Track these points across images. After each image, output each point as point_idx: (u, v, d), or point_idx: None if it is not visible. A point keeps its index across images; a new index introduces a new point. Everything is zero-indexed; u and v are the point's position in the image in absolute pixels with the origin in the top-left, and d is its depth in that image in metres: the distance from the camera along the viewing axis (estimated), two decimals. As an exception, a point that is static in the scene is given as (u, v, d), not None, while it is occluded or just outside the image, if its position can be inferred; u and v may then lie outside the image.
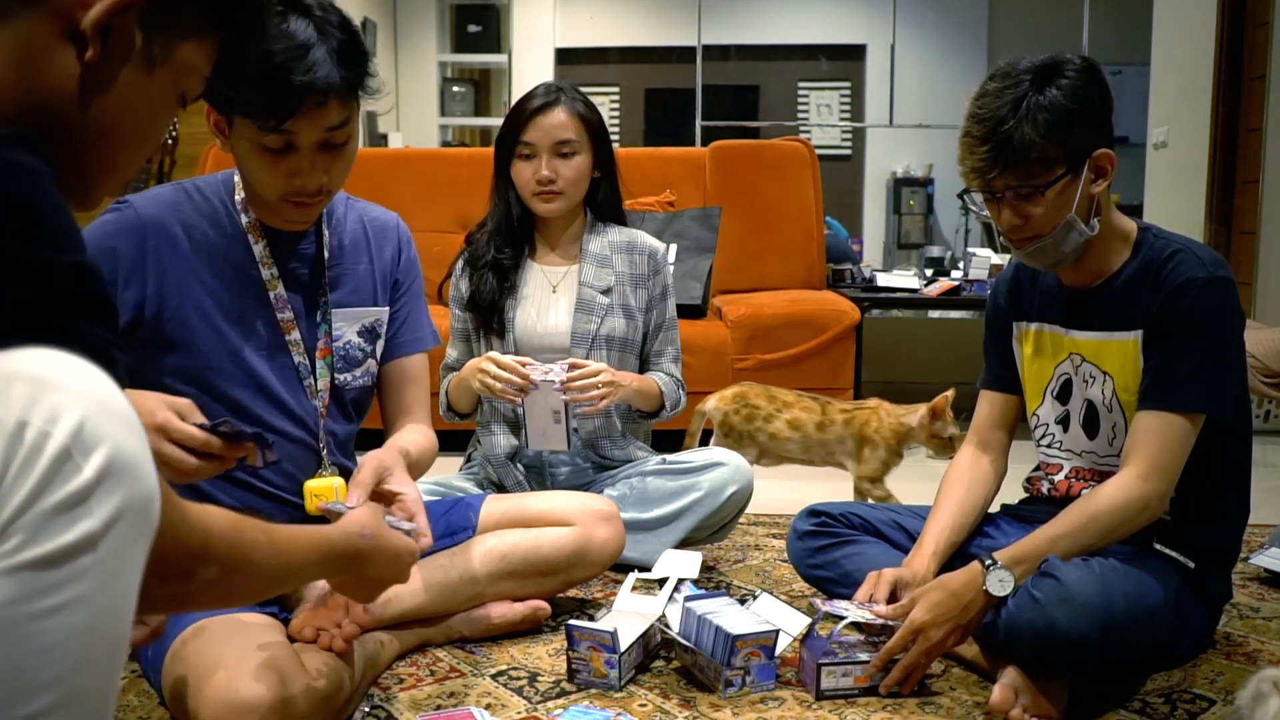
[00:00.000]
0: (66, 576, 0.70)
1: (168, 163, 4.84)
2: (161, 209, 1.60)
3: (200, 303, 1.60)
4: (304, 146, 1.51)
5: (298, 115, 1.46)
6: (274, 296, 1.64)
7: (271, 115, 1.46)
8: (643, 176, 3.88)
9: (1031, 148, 1.57)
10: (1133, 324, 1.69)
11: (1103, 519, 1.61)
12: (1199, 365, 1.63)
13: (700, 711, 1.58)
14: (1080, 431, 1.79)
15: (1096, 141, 1.63)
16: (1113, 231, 1.72)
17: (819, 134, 8.97)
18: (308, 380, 1.68)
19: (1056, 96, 1.58)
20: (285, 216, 1.61)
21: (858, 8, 8.68)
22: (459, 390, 2.26)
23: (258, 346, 1.63)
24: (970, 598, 1.58)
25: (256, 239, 1.64)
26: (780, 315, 3.55)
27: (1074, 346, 1.78)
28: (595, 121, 2.29)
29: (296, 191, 1.54)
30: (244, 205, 1.64)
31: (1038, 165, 1.59)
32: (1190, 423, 1.63)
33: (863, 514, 1.97)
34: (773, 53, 8.87)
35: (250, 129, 1.49)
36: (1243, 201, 4.94)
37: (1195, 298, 1.62)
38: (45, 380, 0.72)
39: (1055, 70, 1.61)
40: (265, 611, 1.50)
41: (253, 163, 1.54)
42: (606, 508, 1.95)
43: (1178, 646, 1.72)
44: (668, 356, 2.37)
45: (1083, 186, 1.63)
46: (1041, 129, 1.57)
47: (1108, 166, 1.65)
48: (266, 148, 1.50)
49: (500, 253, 2.31)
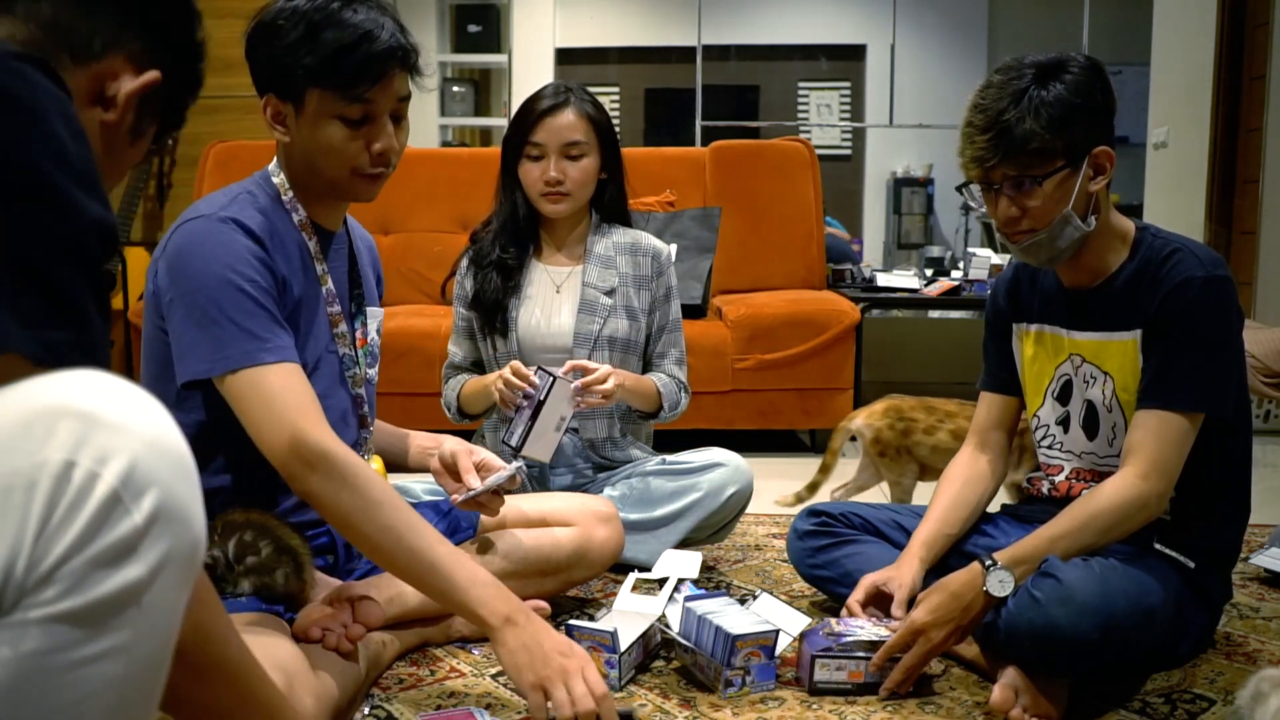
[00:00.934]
0: (108, 627, 0.67)
1: (168, 163, 4.84)
2: (239, 208, 1.58)
3: (299, 292, 1.62)
4: (380, 115, 1.58)
5: (383, 79, 1.55)
6: (325, 291, 1.67)
7: (362, 81, 1.53)
8: (643, 176, 3.88)
9: (1031, 138, 1.59)
10: (1132, 324, 1.70)
11: (1101, 518, 1.62)
12: (1198, 364, 1.63)
13: (700, 711, 1.58)
14: (1080, 432, 1.79)
15: (1097, 138, 1.64)
16: (1110, 231, 1.72)
17: (819, 134, 8.96)
18: (351, 371, 1.71)
19: (1060, 91, 1.60)
20: (354, 192, 1.64)
21: (858, 8, 8.67)
22: (474, 396, 2.26)
23: (318, 337, 1.67)
24: (970, 598, 1.58)
25: (310, 235, 1.66)
26: (780, 315, 3.55)
27: (1074, 347, 1.78)
28: (604, 123, 2.29)
29: (373, 162, 1.60)
30: (293, 204, 1.65)
31: (1037, 156, 1.60)
32: (1189, 422, 1.63)
33: (863, 514, 1.97)
34: (773, 53, 8.86)
35: (330, 103, 1.55)
36: (1243, 201, 4.94)
37: (1194, 297, 1.63)
38: (95, 417, 0.68)
39: (1060, 67, 1.62)
40: (271, 611, 1.50)
41: (330, 138, 1.57)
42: (606, 508, 1.96)
43: (1178, 646, 1.72)
44: (670, 358, 2.37)
45: (1081, 182, 1.63)
46: (1044, 121, 1.59)
47: (1107, 164, 1.66)
48: (347, 120, 1.56)
49: (505, 252, 2.31)
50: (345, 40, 1.52)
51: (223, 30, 5.62)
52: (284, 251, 1.60)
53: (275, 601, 1.53)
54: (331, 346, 1.69)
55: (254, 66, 1.60)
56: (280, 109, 1.59)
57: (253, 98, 1.61)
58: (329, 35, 1.52)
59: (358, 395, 1.73)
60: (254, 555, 1.52)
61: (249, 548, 1.52)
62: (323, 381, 1.65)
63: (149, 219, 4.85)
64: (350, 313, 1.73)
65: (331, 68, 1.52)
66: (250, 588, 1.52)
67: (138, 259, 4.32)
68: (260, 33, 1.58)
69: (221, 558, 1.51)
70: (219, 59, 4.23)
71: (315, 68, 1.53)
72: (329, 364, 1.68)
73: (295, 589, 1.56)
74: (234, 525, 1.53)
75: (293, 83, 1.55)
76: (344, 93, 1.54)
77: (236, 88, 5.12)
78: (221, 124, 4.80)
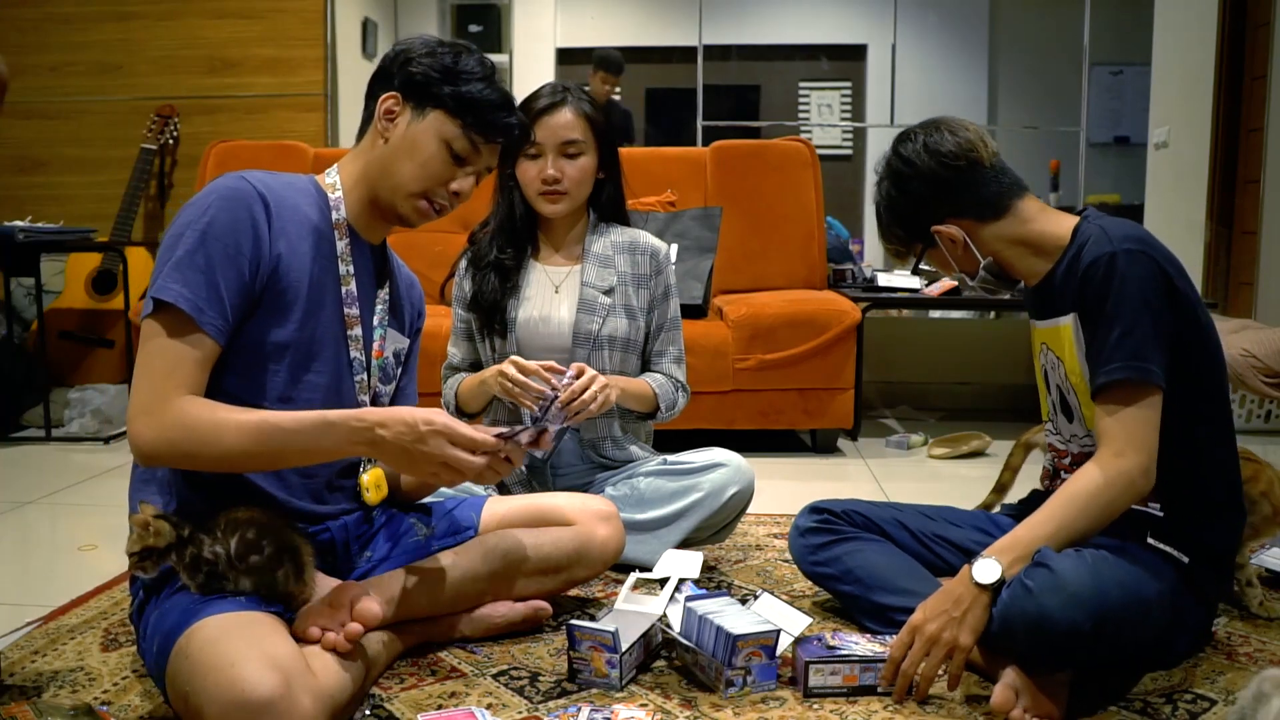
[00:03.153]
0: None
1: (169, 163, 4.84)
2: (275, 182, 1.64)
3: (301, 276, 1.63)
4: (477, 165, 1.71)
5: (500, 143, 1.71)
6: (345, 292, 1.69)
7: (489, 132, 1.68)
8: (644, 176, 3.88)
9: (888, 235, 1.90)
10: (1065, 308, 1.76)
11: (1082, 499, 1.64)
12: (1120, 335, 1.66)
13: (701, 711, 1.58)
14: (1063, 417, 1.84)
15: (929, 220, 1.82)
16: (1031, 243, 1.80)
17: (820, 134, 8.96)
18: (359, 376, 1.71)
19: (879, 202, 1.88)
20: (408, 211, 1.71)
21: (859, 8, 8.67)
22: (471, 393, 2.26)
23: (327, 333, 1.67)
24: (960, 591, 1.59)
25: (341, 235, 1.69)
26: (781, 315, 3.55)
27: (1040, 336, 1.86)
28: (601, 122, 2.29)
29: (442, 195, 1.69)
30: (336, 203, 1.70)
31: (902, 246, 1.90)
32: (1133, 391, 1.65)
33: (865, 512, 1.97)
34: (773, 53, 8.86)
35: (452, 129, 1.67)
36: (1243, 202, 4.94)
37: (1104, 274, 1.67)
38: None
39: (881, 176, 1.86)
40: (270, 611, 1.50)
41: (428, 154, 1.67)
42: (606, 507, 1.96)
43: (1174, 642, 1.73)
44: (669, 357, 2.37)
45: (949, 251, 1.83)
46: (882, 228, 1.90)
47: (953, 238, 1.81)
48: (453, 150, 1.67)
49: (503, 253, 2.31)
50: (492, 97, 1.68)
51: (223, 30, 5.70)
52: (296, 228, 1.62)
53: (275, 601, 1.53)
54: (343, 342, 1.69)
55: (395, 67, 1.69)
56: (398, 109, 1.68)
57: (253, 98, 1.64)
58: (480, 86, 1.67)
59: (363, 402, 1.72)
60: (256, 555, 1.52)
61: (251, 546, 1.52)
62: (324, 374, 1.66)
63: (149, 219, 4.85)
64: (369, 323, 1.74)
65: (472, 106, 1.66)
66: (251, 587, 1.52)
67: (138, 259, 4.32)
68: (420, 48, 1.69)
69: (223, 555, 1.51)
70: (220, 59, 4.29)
71: (458, 96, 1.66)
72: (335, 357, 1.68)
73: (296, 589, 1.56)
74: (237, 523, 1.53)
75: (429, 94, 1.66)
76: (466, 129, 1.66)
77: (237, 88, 5.15)
78: (222, 124, 4.81)
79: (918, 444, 3.76)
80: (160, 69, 4.87)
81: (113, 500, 2.89)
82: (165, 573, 1.53)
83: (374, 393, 1.75)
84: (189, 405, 1.50)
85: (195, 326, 1.51)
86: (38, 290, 4.03)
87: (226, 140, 4.25)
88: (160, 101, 4.80)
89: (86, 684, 1.68)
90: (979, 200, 1.79)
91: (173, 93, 4.83)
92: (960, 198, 1.80)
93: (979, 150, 1.79)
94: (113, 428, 3.84)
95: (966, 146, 1.79)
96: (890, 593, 1.85)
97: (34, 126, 4.91)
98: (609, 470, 2.34)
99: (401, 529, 1.83)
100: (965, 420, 4.11)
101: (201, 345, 1.52)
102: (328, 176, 1.73)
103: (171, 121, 4.75)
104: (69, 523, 2.84)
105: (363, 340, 1.72)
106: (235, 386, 1.58)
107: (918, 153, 1.80)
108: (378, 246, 1.78)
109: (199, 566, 1.51)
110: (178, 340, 1.51)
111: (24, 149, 4.94)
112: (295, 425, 1.51)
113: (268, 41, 4.81)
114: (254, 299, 1.58)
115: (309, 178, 1.73)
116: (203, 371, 1.53)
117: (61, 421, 3.89)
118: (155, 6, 4.86)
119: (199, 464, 1.54)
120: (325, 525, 1.72)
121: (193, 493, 1.60)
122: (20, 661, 1.77)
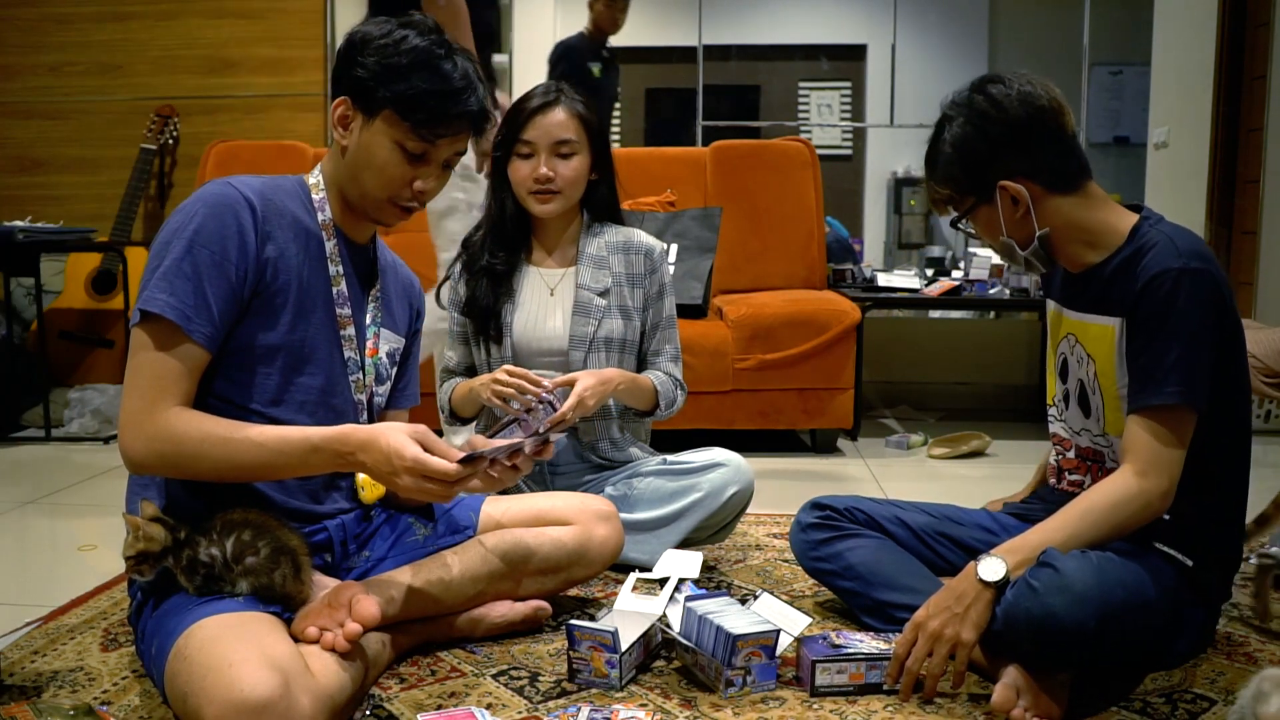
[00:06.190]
0: None
1: (168, 162, 4.84)
2: (262, 185, 1.64)
3: (291, 278, 1.63)
4: (435, 159, 1.66)
5: (455, 135, 1.65)
6: (336, 292, 1.69)
7: (436, 128, 1.62)
8: (644, 176, 3.88)
9: (936, 187, 1.77)
10: (1113, 310, 1.72)
11: (1097, 512, 1.63)
12: (1177, 358, 1.63)
13: (701, 711, 1.58)
14: (1078, 409, 1.82)
15: (999, 174, 1.70)
16: (1089, 230, 1.74)
17: (819, 134, 8.95)
18: (355, 375, 1.71)
19: (944, 146, 1.73)
20: (381, 214, 1.70)
21: (858, 8, 8.66)
22: (464, 400, 2.26)
23: (319, 335, 1.67)
24: (964, 587, 1.59)
25: (329, 236, 1.69)
26: (781, 315, 3.55)
27: (1069, 326, 1.82)
28: (594, 122, 2.28)
29: (411, 196, 1.67)
30: (321, 203, 1.69)
31: (948, 200, 1.77)
32: (1177, 416, 1.64)
33: (866, 509, 1.97)
34: (773, 53, 8.85)
35: (398, 130, 1.62)
36: (1243, 202, 4.93)
37: (1169, 289, 1.63)
38: None
39: (948, 120, 1.73)
40: (269, 611, 1.50)
41: (383, 159, 1.64)
42: (605, 507, 1.96)
43: (1175, 643, 1.72)
44: (666, 355, 2.37)
45: (1005, 213, 1.72)
46: (938, 176, 1.76)
47: (1018, 196, 1.71)
48: (406, 151, 1.63)
49: (494, 257, 2.30)
50: (437, 88, 1.60)
51: (223, 30, 5.70)
52: (284, 231, 1.62)
53: (273, 602, 1.53)
54: (336, 344, 1.69)
55: (343, 68, 1.66)
56: (350, 114, 1.65)
57: (253, 98, 1.64)
58: (424, 77, 1.60)
59: (359, 401, 1.72)
60: (253, 555, 1.52)
61: (247, 547, 1.52)
62: (318, 376, 1.66)
63: (149, 219, 4.85)
64: (362, 322, 1.74)
65: (415, 104, 1.60)
66: (248, 588, 1.52)
67: (138, 259, 4.32)
68: (361, 44, 1.64)
69: (220, 557, 1.51)
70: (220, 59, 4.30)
71: (400, 97, 1.60)
72: (328, 358, 1.68)
73: (293, 590, 1.56)
74: (232, 524, 1.53)
75: (374, 99, 1.62)
76: (415, 129, 1.61)
77: (237, 88, 5.14)
78: (222, 124, 4.81)
79: (917, 444, 3.76)
80: (160, 69, 4.86)
81: (113, 500, 2.89)
82: (163, 574, 1.53)
83: (368, 393, 1.75)
84: (176, 418, 1.50)
85: (184, 336, 1.51)
86: (37, 290, 4.03)
87: (226, 140, 4.25)
88: (160, 101, 4.79)
89: (86, 684, 1.68)
90: (1055, 168, 1.70)
91: (172, 93, 4.83)
92: (1038, 157, 1.69)
93: (1068, 116, 1.69)
94: (112, 428, 3.84)
95: (1059, 107, 1.69)
96: (891, 589, 1.85)
97: (34, 126, 4.91)
98: (608, 470, 2.34)
99: (400, 528, 1.83)
100: (965, 420, 4.11)
101: (190, 354, 1.52)
102: (311, 176, 1.73)
103: (171, 121, 4.75)
104: (69, 523, 2.84)
105: (356, 340, 1.72)
106: (225, 390, 1.58)
107: (1009, 97, 1.68)
108: (366, 245, 1.78)
109: (196, 569, 1.51)
110: (166, 351, 1.51)
111: (24, 149, 4.94)
112: (280, 445, 1.52)
113: (267, 41, 4.81)
114: (243, 304, 1.58)
115: (297, 178, 1.73)
116: (191, 381, 1.53)
117: (61, 421, 3.89)
118: (155, 6, 4.86)
119: (187, 475, 1.56)
120: (323, 525, 1.72)
121: (189, 494, 1.60)
122: (20, 661, 1.77)
